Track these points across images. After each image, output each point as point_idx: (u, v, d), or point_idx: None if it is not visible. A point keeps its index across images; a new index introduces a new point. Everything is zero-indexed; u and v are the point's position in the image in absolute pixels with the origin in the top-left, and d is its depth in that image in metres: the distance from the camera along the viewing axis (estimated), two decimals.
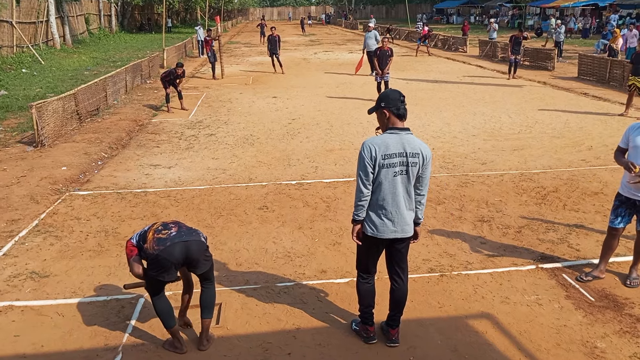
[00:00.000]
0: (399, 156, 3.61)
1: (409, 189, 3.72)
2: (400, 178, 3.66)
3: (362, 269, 4.04)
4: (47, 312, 4.59)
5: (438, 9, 63.60)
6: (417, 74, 19.47)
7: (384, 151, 3.60)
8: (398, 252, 3.92)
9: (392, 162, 3.61)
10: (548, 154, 9.12)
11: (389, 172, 3.63)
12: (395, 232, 3.76)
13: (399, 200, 3.70)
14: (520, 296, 4.73)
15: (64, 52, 24.81)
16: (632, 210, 4.77)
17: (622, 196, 4.80)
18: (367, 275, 4.05)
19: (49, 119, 9.95)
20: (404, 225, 3.77)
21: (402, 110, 3.69)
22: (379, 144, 3.62)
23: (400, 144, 3.63)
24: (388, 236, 3.77)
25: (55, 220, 6.60)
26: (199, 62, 24.46)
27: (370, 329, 4.10)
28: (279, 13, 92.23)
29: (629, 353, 3.94)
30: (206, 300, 4.05)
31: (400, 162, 3.62)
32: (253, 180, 8.02)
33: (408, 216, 3.78)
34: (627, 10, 36.17)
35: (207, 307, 4.05)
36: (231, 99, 15.13)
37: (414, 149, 3.64)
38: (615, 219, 4.84)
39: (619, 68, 15.71)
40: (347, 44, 35.30)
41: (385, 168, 3.62)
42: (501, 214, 6.57)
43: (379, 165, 3.61)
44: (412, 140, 3.68)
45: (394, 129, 3.69)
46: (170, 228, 3.90)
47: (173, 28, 47.85)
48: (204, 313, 4.05)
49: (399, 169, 3.63)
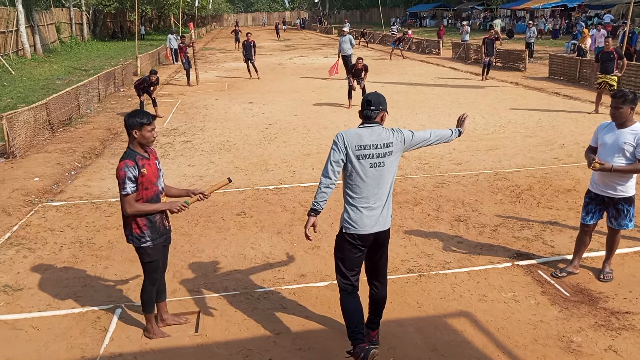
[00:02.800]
0: (374, 148, 3.61)
1: (387, 180, 3.69)
2: (377, 170, 3.63)
3: (344, 279, 3.81)
4: (22, 326, 4.50)
5: (411, 12, 64.21)
6: (392, 77, 19.61)
7: (358, 142, 3.60)
8: (379, 252, 3.85)
9: (366, 153, 3.60)
10: (521, 153, 9.26)
11: (365, 164, 3.61)
12: (376, 224, 3.69)
13: (378, 192, 3.66)
14: (497, 293, 4.79)
15: (35, 61, 24.40)
16: (602, 206, 4.87)
17: (591, 192, 4.90)
18: (351, 287, 3.81)
19: (20, 129, 9.77)
20: (384, 218, 3.73)
21: (366, 113, 3.72)
22: (352, 135, 3.64)
23: (373, 136, 3.64)
24: (370, 231, 3.69)
25: (28, 233, 6.47)
26: (173, 69, 24.28)
27: (363, 346, 3.65)
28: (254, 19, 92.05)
29: (604, 346, 4.01)
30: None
31: (376, 154, 3.61)
32: (230, 187, 7.98)
33: (387, 209, 3.74)
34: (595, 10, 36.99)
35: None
36: (207, 106, 15.05)
37: (386, 139, 3.66)
38: (586, 215, 4.94)
39: (588, 67, 16.04)
40: (322, 48, 35.42)
41: (361, 159, 3.60)
42: (477, 213, 6.65)
43: (354, 157, 3.60)
44: (382, 132, 3.69)
45: (365, 123, 3.73)
46: None
47: (146, 35, 47.39)
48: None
49: (376, 160, 3.62)
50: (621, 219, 4.78)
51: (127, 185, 3.81)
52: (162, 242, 4.12)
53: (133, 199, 3.86)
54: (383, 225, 3.74)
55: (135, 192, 3.86)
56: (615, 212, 4.80)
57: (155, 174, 4.00)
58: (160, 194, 4.05)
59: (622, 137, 4.61)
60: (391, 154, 3.67)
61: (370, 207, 3.68)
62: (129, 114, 3.94)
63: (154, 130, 3.95)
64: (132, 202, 3.86)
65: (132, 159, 3.86)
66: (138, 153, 3.92)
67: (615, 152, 4.64)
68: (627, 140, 4.58)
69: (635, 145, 4.56)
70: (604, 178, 4.74)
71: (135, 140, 3.91)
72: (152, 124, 3.93)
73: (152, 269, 4.13)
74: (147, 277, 4.17)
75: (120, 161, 3.86)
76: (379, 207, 3.69)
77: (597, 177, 4.83)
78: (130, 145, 3.95)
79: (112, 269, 5.48)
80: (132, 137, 3.90)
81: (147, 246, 4.01)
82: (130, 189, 3.82)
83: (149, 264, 4.10)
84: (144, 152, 3.95)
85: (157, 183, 4.01)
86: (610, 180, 4.70)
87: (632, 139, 4.56)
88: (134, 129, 3.88)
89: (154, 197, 3.98)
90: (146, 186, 3.92)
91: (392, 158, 3.69)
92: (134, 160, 3.86)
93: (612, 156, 4.65)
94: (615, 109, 4.60)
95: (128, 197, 3.83)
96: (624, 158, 4.62)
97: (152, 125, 3.93)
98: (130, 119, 3.89)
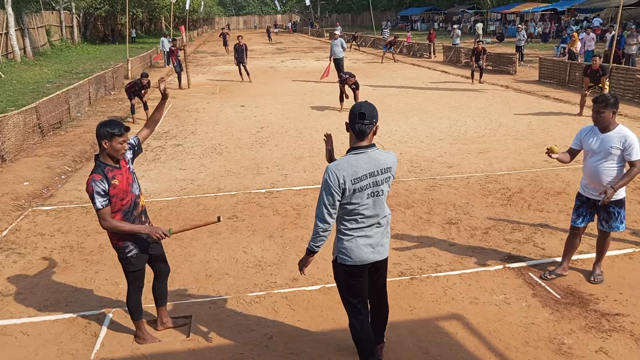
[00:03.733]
0: (371, 176, 3.31)
1: (383, 206, 3.46)
2: (375, 199, 3.38)
3: (353, 306, 3.62)
4: (11, 332, 4.46)
5: (402, 16, 64.44)
6: (384, 80, 19.66)
7: (353, 175, 3.27)
8: (379, 276, 3.69)
9: (363, 185, 3.30)
10: (512, 155, 9.32)
11: (362, 196, 3.32)
12: (374, 254, 3.49)
13: (376, 222, 3.44)
14: (489, 296, 4.81)
15: (25, 64, 24.24)
16: (593, 209, 4.91)
17: (582, 196, 4.94)
18: (361, 312, 3.63)
19: (10, 133, 9.70)
20: (383, 247, 3.54)
21: (360, 128, 3.29)
22: (346, 169, 3.27)
23: (369, 164, 3.31)
24: (367, 262, 3.48)
25: (18, 237, 6.42)
26: (165, 72, 24.20)
27: None
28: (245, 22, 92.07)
29: (594, 348, 4.03)
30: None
31: (373, 182, 3.33)
32: (222, 190, 7.96)
33: (385, 237, 3.55)
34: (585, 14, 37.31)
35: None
36: (198, 109, 15.01)
37: (384, 164, 3.36)
38: (577, 218, 4.97)
39: (578, 70, 16.17)
40: (313, 51, 35.45)
41: (358, 192, 3.31)
42: (468, 216, 6.67)
43: (350, 191, 3.29)
44: (379, 156, 3.37)
45: (357, 148, 3.35)
46: None
47: (137, 38, 47.22)
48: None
49: (373, 189, 3.34)
50: (612, 222, 4.81)
51: (96, 201, 3.68)
52: (147, 251, 4.05)
53: (107, 214, 3.74)
54: (380, 254, 3.54)
55: (108, 206, 3.73)
56: (606, 215, 4.83)
57: (129, 179, 3.88)
58: (137, 198, 3.94)
59: (609, 141, 4.64)
60: (389, 179, 3.41)
61: (367, 235, 3.45)
62: (101, 123, 3.78)
63: (125, 142, 3.79)
64: (106, 216, 3.74)
65: (100, 172, 3.72)
66: (107, 164, 3.77)
67: (604, 157, 4.67)
68: (613, 144, 4.61)
69: (622, 149, 4.59)
70: (594, 182, 4.78)
71: (104, 151, 3.75)
72: (124, 135, 3.77)
73: (135, 278, 4.10)
74: (130, 286, 4.13)
75: (89, 175, 3.73)
76: (376, 235, 3.48)
77: (587, 181, 4.86)
78: (100, 157, 3.80)
79: (103, 273, 5.45)
80: (102, 147, 3.74)
81: (130, 256, 3.96)
82: (101, 204, 3.69)
83: (132, 273, 4.06)
84: (114, 163, 3.81)
85: (132, 190, 3.89)
86: (600, 184, 4.73)
87: (619, 142, 4.59)
88: (103, 140, 3.72)
89: (132, 204, 3.88)
90: (121, 196, 3.80)
91: (388, 184, 3.43)
92: (102, 173, 3.71)
93: (602, 161, 4.68)
94: (597, 113, 4.61)
95: (100, 211, 3.71)
96: (614, 162, 4.65)
97: (124, 137, 3.77)
98: (101, 128, 3.72)
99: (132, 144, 3.98)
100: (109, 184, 3.71)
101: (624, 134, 4.61)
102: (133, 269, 4.03)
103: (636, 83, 13.87)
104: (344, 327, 4.37)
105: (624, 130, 4.65)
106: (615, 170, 4.66)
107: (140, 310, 4.22)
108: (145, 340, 4.25)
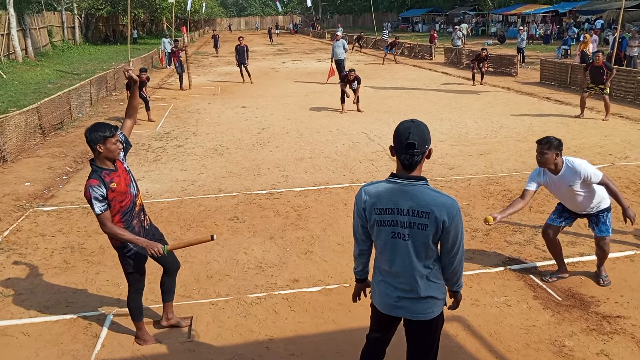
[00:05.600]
0: (397, 213, 2.70)
1: (418, 258, 2.74)
2: (402, 242, 2.73)
3: (370, 331, 3.23)
4: (12, 332, 4.46)
5: (404, 17, 64.49)
6: (385, 82, 19.67)
7: (376, 203, 2.75)
8: (415, 339, 2.98)
9: (386, 220, 2.73)
10: (513, 157, 9.31)
11: (385, 232, 2.77)
12: (397, 308, 2.86)
13: (403, 271, 2.78)
14: (490, 298, 4.80)
15: (27, 65, 24.29)
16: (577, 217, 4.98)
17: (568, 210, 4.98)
18: (368, 347, 3.26)
19: (11, 133, 9.71)
20: (412, 304, 2.83)
21: (408, 161, 2.68)
22: (373, 194, 2.77)
23: (398, 197, 2.70)
24: (389, 312, 2.90)
25: (19, 238, 6.43)
26: (166, 73, 24.23)
27: None
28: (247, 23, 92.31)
29: (596, 350, 4.03)
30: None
31: (398, 221, 2.71)
32: (223, 191, 7.96)
33: (419, 292, 2.80)
34: (586, 16, 37.33)
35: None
36: (199, 110, 15.02)
37: (421, 206, 2.65)
38: (557, 218, 5.00)
39: (579, 72, 16.15)
40: (315, 53, 35.47)
41: (380, 226, 2.77)
42: (469, 218, 6.67)
43: (374, 221, 2.78)
44: (419, 194, 2.67)
45: (395, 176, 2.74)
46: None
47: (139, 39, 47.31)
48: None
49: (400, 230, 2.71)
50: (602, 225, 4.84)
51: (95, 206, 3.68)
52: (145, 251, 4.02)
53: (106, 218, 3.73)
54: (411, 313, 2.85)
55: (107, 210, 3.73)
56: (596, 219, 4.86)
57: (127, 180, 3.87)
58: (135, 197, 3.94)
59: (565, 181, 4.62)
60: (424, 228, 2.66)
61: (389, 284, 2.87)
62: (89, 129, 3.71)
63: (118, 141, 3.74)
64: (106, 221, 3.73)
65: (97, 177, 3.69)
66: (104, 169, 3.74)
67: (573, 195, 4.67)
68: (571, 182, 4.59)
69: (582, 179, 4.55)
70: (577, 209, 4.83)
71: (101, 155, 3.71)
72: (116, 135, 3.73)
73: (135, 280, 4.10)
74: (131, 287, 4.14)
75: (87, 181, 3.72)
76: (401, 289, 2.83)
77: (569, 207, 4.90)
78: (96, 162, 3.76)
79: (103, 274, 5.45)
80: (97, 152, 3.70)
81: (129, 256, 3.97)
82: (100, 209, 3.68)
83: (131, 275, 4.07)
84: (110, 165, 3.79)
85: (130, 190, 3.89)
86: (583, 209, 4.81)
87: (576, 176, 4.56)
88: (97, 144, 3.67)
89: (130, 204, 3.88)
90: (120, 199, 3.79)
91: (425, 234, 2.68)
92: (99, 177, 3.69)
93: (570, 195, 4.69)
94: (540, 154, 4.58)
95: (100, 216, 3.71)
96: (583, 189, 4.64)
97: (116, 137, 3.72)
98: (92, 134, 3.66)
99: (121, 141, 3.91)
100: (107, 188, 3.70)
101: (573, 168, 4.55)
102: (131, 270, 4.03)
103: (637, 85, 13.85)
104: (344, 328, 4.39)
105: (570, 164, 4.57)
106: (589, 192, 4.68)
107: (140, 312, 4.22)
108: (146, 341, 4.25)
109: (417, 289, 2.79)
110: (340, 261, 5.56)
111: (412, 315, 2.85)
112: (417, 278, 2.77)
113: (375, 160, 9.32)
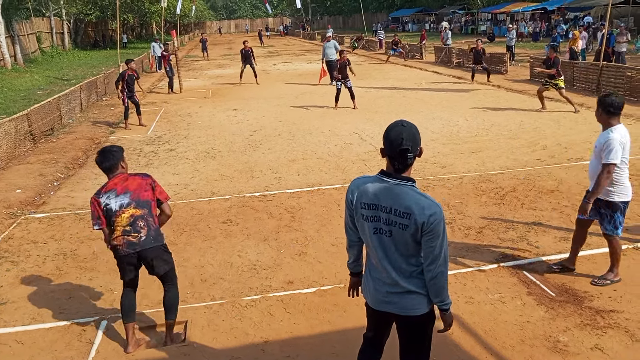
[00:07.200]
0: (379, 210, 2.73)
1: (402, 255, 2.77)
2: (386, 238, 2.76)
3: (366, 329, 3.27)
4: (5, 341, 4.43)
5: (394, 17, 64.64)
6: (376, 82, 19.70)
7: (362, 197, 2.80)
8: (405, 336, 3.00)
9: (369, 215, 2.77)
10: (505, 155, 9.35)
11: (368, 227, 2.80)
12: (386, 303, 2.88)
13: (387, 265, 2.80)
14: (484, 295, 4.82)
15: (16, 71, 24.14)
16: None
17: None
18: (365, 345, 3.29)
19: (1, 141, 9.66)
20: (400, 299, 2.83)
21: (399, 165, 2.71)
22: (361, 188, 2.81)
23: (382, 195, 2.72)
24: (379, 308, 2.93)
25: (11, 245, 6.38)
26: (157, 77, 24.16)
27: None
28: (237, 25, 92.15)
29: (590, 345, 4.05)
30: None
31: (380, 217, 2.74)
32: (216, 194, 7.95)
33: (403, 286, 2.80)
34: (574, 13, 37.53)
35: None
36: (190, 113, 14.98)
37: (402, 206, 2.66)
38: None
39: (569, 69, 16.25)
40: (305, 54, 35.47)
41: (364, 220, 2.80)
42: (462, 216, 6.69)
43: (360, 214, 2.83)
44: (403, 194, 2.68)
45: (384, 174, 2.77)
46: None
47: (128, 43, 47.13)
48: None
49: (382, 226, 2.74)
50: (605, 224, 4.78)
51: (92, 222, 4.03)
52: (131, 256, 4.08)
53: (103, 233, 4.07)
54: (400, 309, 2.86)
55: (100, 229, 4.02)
56: (599, 217, 4.81)
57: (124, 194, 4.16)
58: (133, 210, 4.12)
59: (598, 139, 4.68)
60: (404, 228, 2.68)
61: (377, 278, 2.90)
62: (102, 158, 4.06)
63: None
64: (103, 236, 4.09)
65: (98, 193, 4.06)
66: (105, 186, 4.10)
67: (595, 155, 4.71)
68: (598, 143, 4.63)
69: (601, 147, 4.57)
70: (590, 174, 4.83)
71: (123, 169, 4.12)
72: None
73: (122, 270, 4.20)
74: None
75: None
76: (388, 284, 2.85)
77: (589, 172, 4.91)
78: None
79: (97, 280, 5.42)
80: (121, 168, 4.10)
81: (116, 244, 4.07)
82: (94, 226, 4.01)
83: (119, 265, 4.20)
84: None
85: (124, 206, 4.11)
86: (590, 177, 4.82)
87: (603, 140, 4.58)
88: (121, 161, 4.11)
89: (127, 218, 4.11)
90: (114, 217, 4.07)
91: (405, 234, 2.70)
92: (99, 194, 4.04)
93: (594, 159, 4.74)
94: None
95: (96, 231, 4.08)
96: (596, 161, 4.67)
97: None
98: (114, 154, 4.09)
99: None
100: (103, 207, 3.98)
101: (609, 134, 4.55)
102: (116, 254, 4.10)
103: (626, 80, 13.95)
104: (339, 329, 4.39)
105: (615, 130, 4.55)
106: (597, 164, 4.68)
107: (127, 312, 4.19)
108: (127, 345, 4.20)
109: (401, 283, 2.80)
110: (335, 262, 5.56)
111: (400, 311, 2.87)
112: (402, 273, 2.79)
113: (368, 160, 9.33)
